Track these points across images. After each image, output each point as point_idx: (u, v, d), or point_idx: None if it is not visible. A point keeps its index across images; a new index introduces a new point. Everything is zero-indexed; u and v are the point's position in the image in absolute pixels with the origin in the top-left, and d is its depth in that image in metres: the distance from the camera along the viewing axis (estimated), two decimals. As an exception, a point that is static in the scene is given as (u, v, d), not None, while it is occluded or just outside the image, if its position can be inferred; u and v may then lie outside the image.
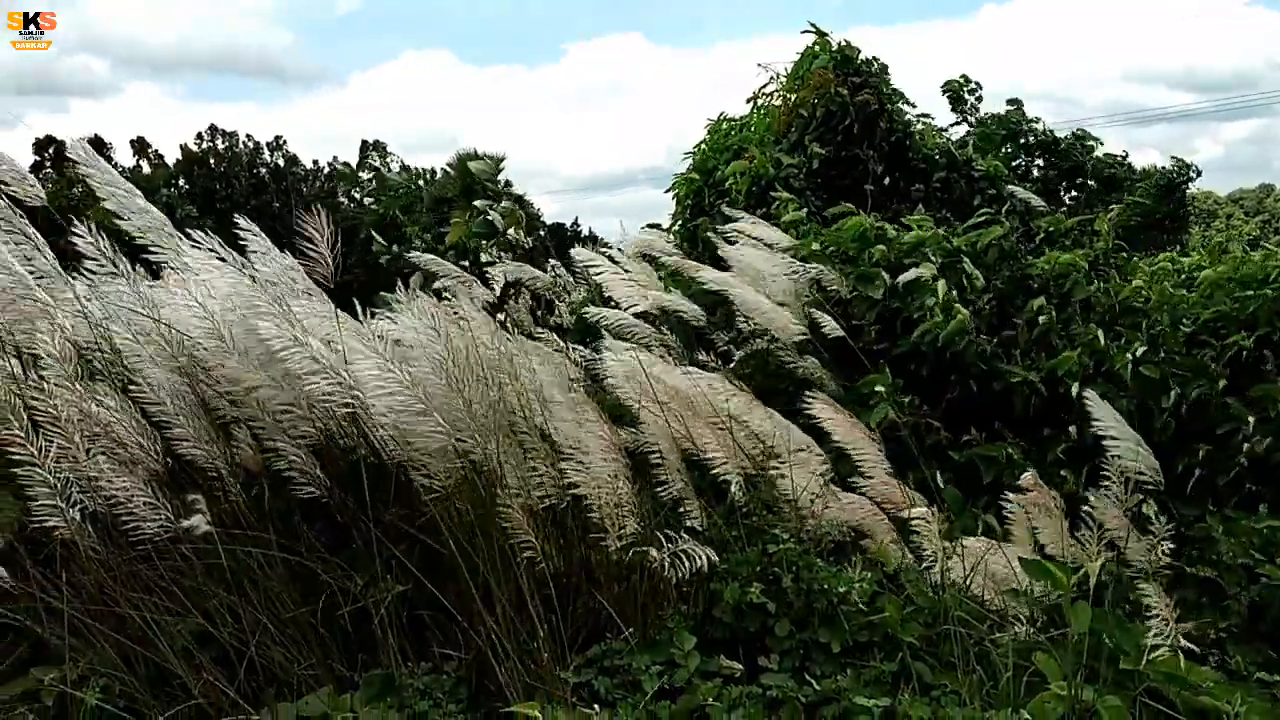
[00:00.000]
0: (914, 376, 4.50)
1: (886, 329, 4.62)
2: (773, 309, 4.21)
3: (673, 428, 3.63)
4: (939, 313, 4.34)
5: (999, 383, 4.49)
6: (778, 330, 4.25)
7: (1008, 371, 4.50)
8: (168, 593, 3.00)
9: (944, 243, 4.95)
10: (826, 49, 7.47)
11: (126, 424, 3.00)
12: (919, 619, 3.29)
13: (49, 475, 2.90)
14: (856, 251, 4.95)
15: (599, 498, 3.09)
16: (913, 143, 7.40)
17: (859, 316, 4.61)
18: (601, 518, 3.09)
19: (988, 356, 4.39)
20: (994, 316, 4.81)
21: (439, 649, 3.05)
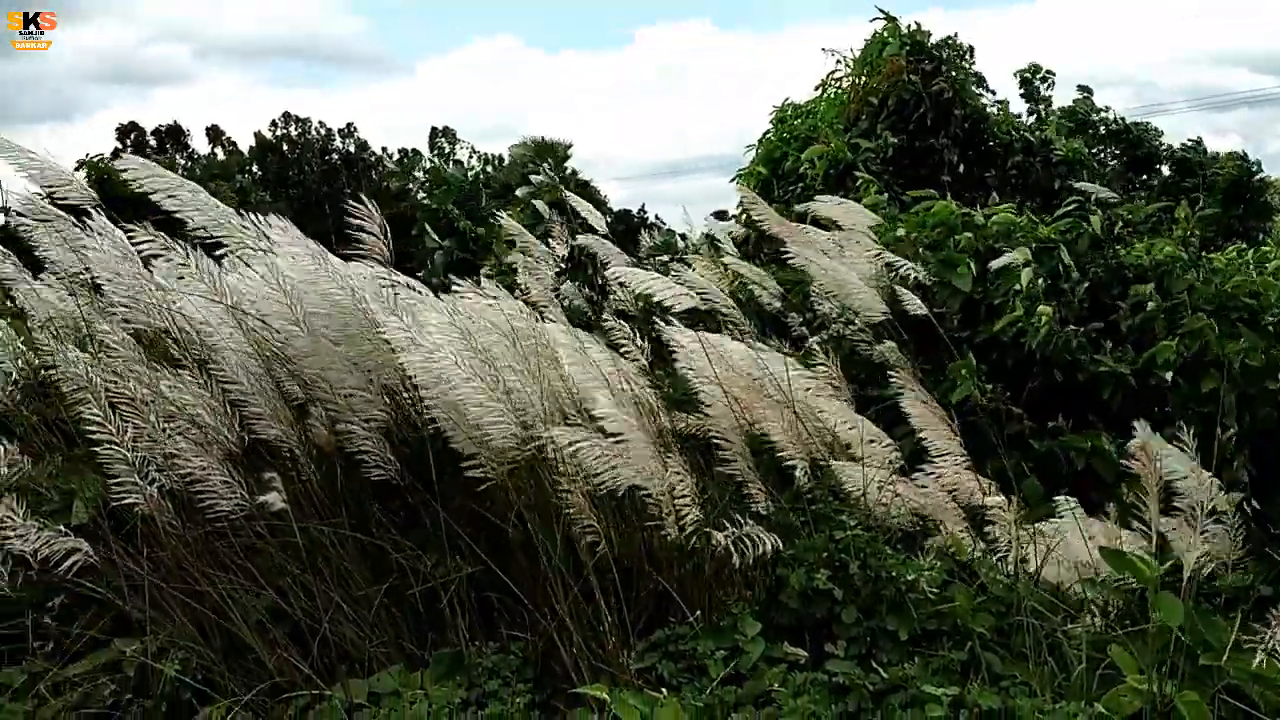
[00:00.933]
0: (996, 364, 4.42)
1: (969, 316, 4.54)
2: (859, 286, 4.13)
3: (737, 412, 3.62)
4: (1020, 304, 4.24)
5: (1083, 373, 4.39)
6: (861, 308, 4.17)
7: (1097, 362, 4.40)
8: (243, 569, 3.07)
9: (1033, 230, 4.84)
10: (896, 34, 7.34)
11: (203, 404, 3.07)
12: (990, 609, 3.25)
13: (127, 454, 2.99)
14: (942, 237, 4.86)
15: (651, 487, 3.08)
16: (987, 128, 7.25)
17: (941, 303, 4.53)
18: (657, 505, 3.09)
19: (1074, 348, 4.29)
20: (1085, 307, 4.69)
21: (506, 630, 3.08)
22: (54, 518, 3.23)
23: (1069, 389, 4.42)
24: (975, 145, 7.20)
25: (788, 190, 7.12)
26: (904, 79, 7.05)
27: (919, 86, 7.07)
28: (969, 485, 3.75)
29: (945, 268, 4.60)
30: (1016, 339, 4.31)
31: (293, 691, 2.87)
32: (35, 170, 3.30)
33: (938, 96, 7.03)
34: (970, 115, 7.20)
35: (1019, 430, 4.23)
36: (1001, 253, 4.52)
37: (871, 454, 3.80)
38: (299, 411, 3.18)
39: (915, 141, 7.02)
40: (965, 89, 7.34)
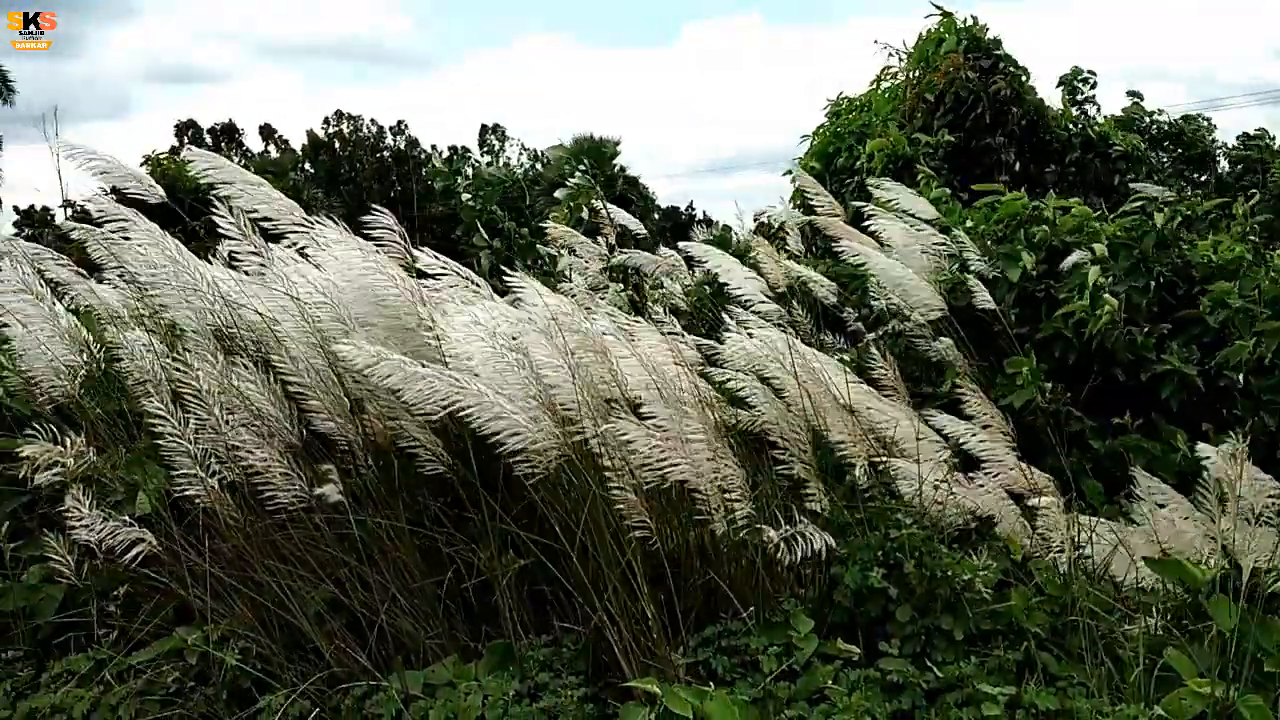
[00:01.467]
0: (1055, 361, 4.36)
1: (1027, 312, 4.47)
2: (916, 282, 4.10)
3: (792, 410, 3.61)
4: (1084, 297, 4.17)
5: (1146, 372, 4.32)
6: (917, 305, 4.14)
7: (1163, 361, 4.33)
8: (301, 561, 3.12)
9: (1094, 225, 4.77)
10: (953, 30, 7.25)
11: (264, 398, 3.12)
12: (1045, 609, 3.21)
13: (190, 446, 3.05)
14: (1009, 232, 4.79)
15: (701, 483, 3.08)
16: (1044, 123, 7.14)
17: (1000, 299, 4.48)
18: (706, 502, 3.09)
19: (1138, 346, 4.22)
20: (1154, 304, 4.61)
21: (558, 622, 3.10)
22: (118, 508, 3.31)
23: (1128, 388, 4.35)
24: (1032, 142, 7.09)
25: (841, 185, 7.07)
26: (961, 76, 6.96)
27: (976, 85, 6.97)
28: (1022, 483, 3.71)
29: (1005, 260, 4.53)
30: (1078, 331, 4.24)
31: (350, 681, 2.91)
32: (104, 168, 3.38)
33: (995, 95, 6.92)
34: (1028, 112, 7.08)
35: (1079, 430, 4.18)
36: (1072, 248, 4.45)
37: (927, 453, 3.78)
38: (356, 406, 3.22)
39: (972, 140, 6.93)
40: (1024, 85, 7.22)
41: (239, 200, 3.37)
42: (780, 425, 3.55)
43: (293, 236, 3.49)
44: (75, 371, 3.53)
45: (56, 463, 3.31)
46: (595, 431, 3.03)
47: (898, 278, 4.10)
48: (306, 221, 3.43)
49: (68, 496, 3.14)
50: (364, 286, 3.08)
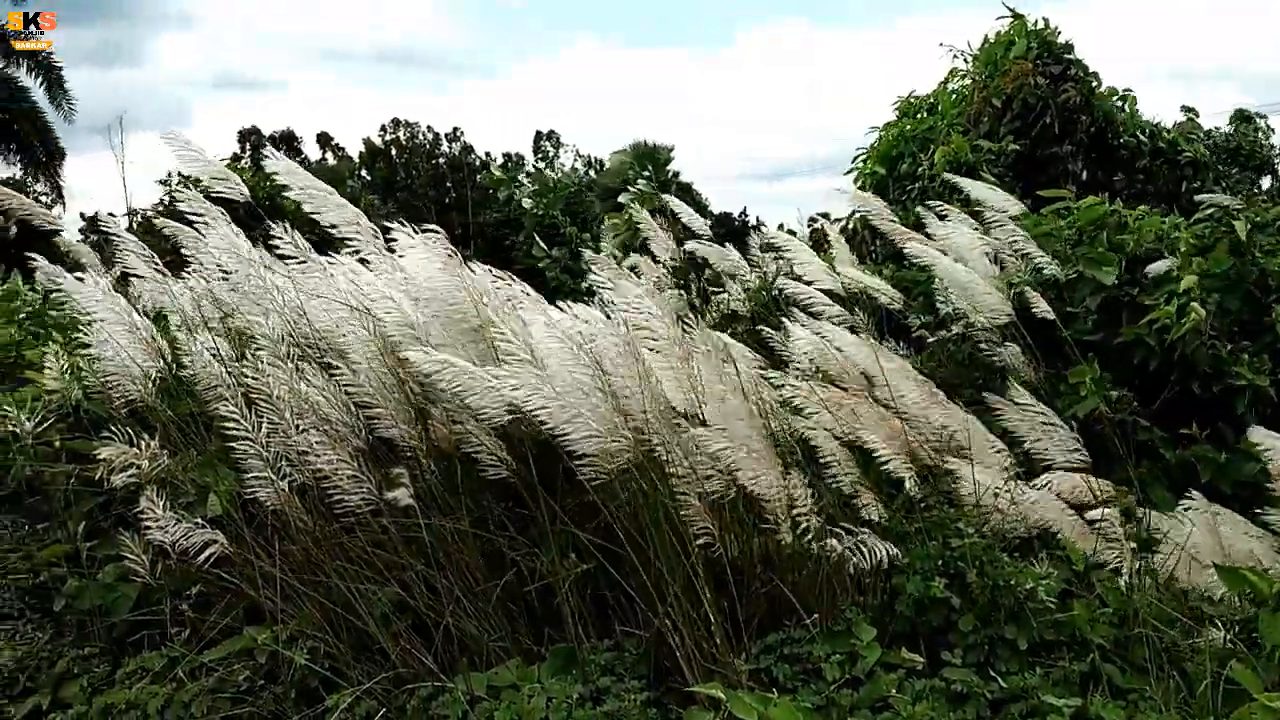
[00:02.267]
0: (1131, 369, 4.30)
1: (1104, 319, 4.41)
2: (982, 288, 4.07)
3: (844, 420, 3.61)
4: (1170, 305, 4.10)
5: (1219, 384, 4.25)
6: (984, 311, 4.10)
7: (1238, 374, 4.25)
8: (368, 563, 3.18)
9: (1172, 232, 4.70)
10: (1023, 33, 7.14)
11: (332, 402, 3.18)
12: (1107, 620, 3.18)
13: (262, 449, 3.12)
14: (1090, 237, 4.71)
15: (770, 494, 3.09)
16: (1113, 130, 7.02)
17: (1077, 303, 4.41)
18: (773, 511, 3.10)
19: (1221, 358, 4.15)
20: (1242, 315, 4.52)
21: (620, 627, 3.13)
22: (190, 510, 3.39)
23: (1200, 399, 4.28)
24: (1100, 150, 6.97)
25: (904, 191, 7.02)
26: (1029, 82, 6.85)
27: (1045, 91, 6.86)
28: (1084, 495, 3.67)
29: (1091, 264, 4.46)
30: (1160, 339, 4.17)
31: (415, 682, 2.96)
32: (198, 163, 3.48)
33: (1064, 104, 6.81)
34: (1096, 120, 6.95)
35: (1149, 439, 4.12)
36: (1155, 256, 4.38)
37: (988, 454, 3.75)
38: (420, 411, 3.28)
39: (1037, 148, 6.83)
40: (1095, 92, 7.09)
41: (310, 206, 3.45)
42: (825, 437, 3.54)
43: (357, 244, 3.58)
44: (149, 376, 3.61)
45: (132, 465, 3.40)
46: (665, 439, 3.06)
47: (964, 282, 4.06)
48: (375, 229, 3.51)
49: (142, 498, 3.22)
50: (434, 290, 3.14)
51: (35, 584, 3.72)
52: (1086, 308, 4.41)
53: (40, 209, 4.09)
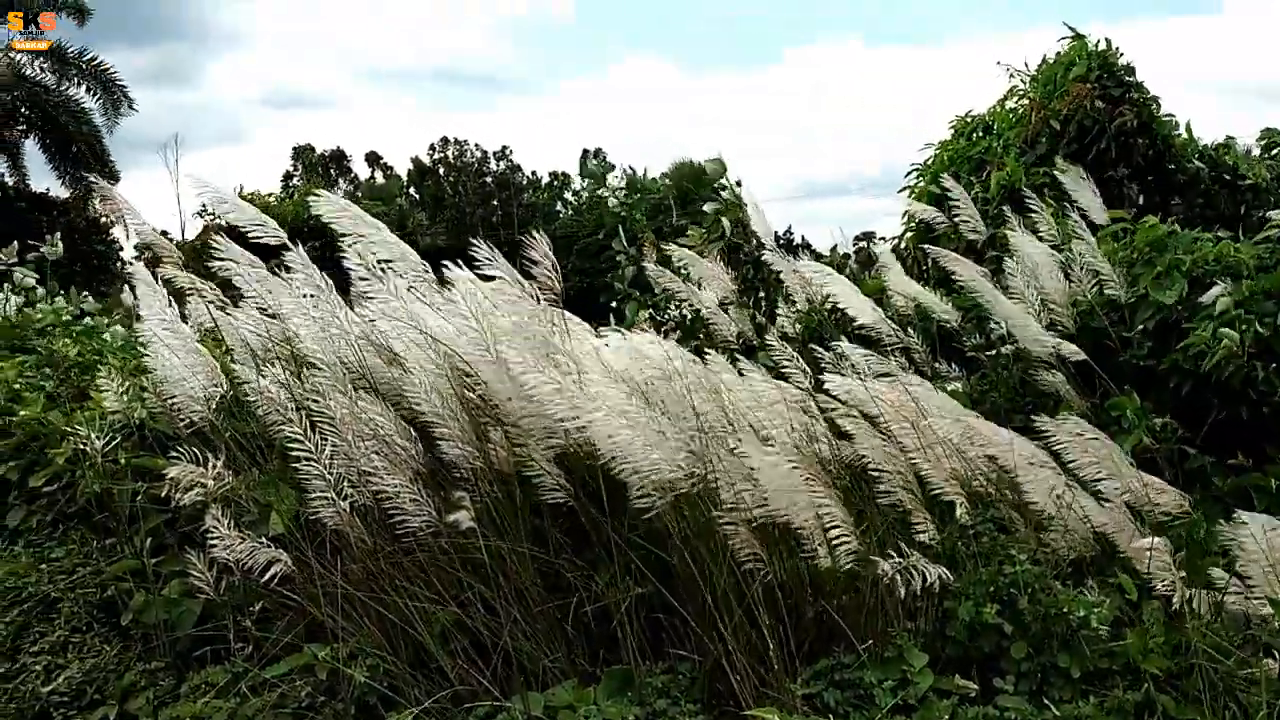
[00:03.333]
0: (1175, 395, 4.28)
1: (1159, 345, 4.39)
2: (1027, 320, 4.08)
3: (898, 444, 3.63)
4: (1208, 330, 4.08)
5: (1269, 406, 4.22)
6: (1027, 342, 4.12)
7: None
8: (427, 583, 3.24)
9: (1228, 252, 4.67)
10: (1083, 54, 7.08)
11: (394, 426, 3.26)
12: (1161, 649, 3.18)
13: (324, 470, 3.21)
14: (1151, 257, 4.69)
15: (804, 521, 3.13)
16: (1172, 155, 6.95)
17: (1133, 327, 4.38)
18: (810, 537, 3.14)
19: (1259, 380, 4.12)
20: None
21: (674, 650, 3.17)
22: (253, 528, 3.48)
23: (1252, 424, 4.24)
24: (1158, 174, 6.89)
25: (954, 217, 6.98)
26: (1086, 105, 6.79)
27: (1102, 115, 6.80)
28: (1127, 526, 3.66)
29: (1155, 284, 4.43)
30: (1197, 364, 4.16)
31: (472, 701, 3.02)
32: (233, 211, 3.62)
33: (1120, 128, 6.75)
34: (1155, 143, 6.87)
35: (1200, 465, 4.10)
36: (1211, 279, 4.36)
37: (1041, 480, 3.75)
38: (481, 434, 3.35)
39: (1093, 172, 6.77)
40: (1155, 117, 7.01)
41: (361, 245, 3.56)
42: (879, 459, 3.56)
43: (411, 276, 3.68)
44: (211, 398, 3.72)
45: (198, 484, 3.49)
46: (715, 467, 3.12)
47: (1005, 312, 4.09)
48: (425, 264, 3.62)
49: (208, 517, 3.31)
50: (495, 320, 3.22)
51: (103, 598, 3.82)
52: (1144, 330, 4.38)
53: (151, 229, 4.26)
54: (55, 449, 4.16)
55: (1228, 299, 4.10)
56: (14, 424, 4.41)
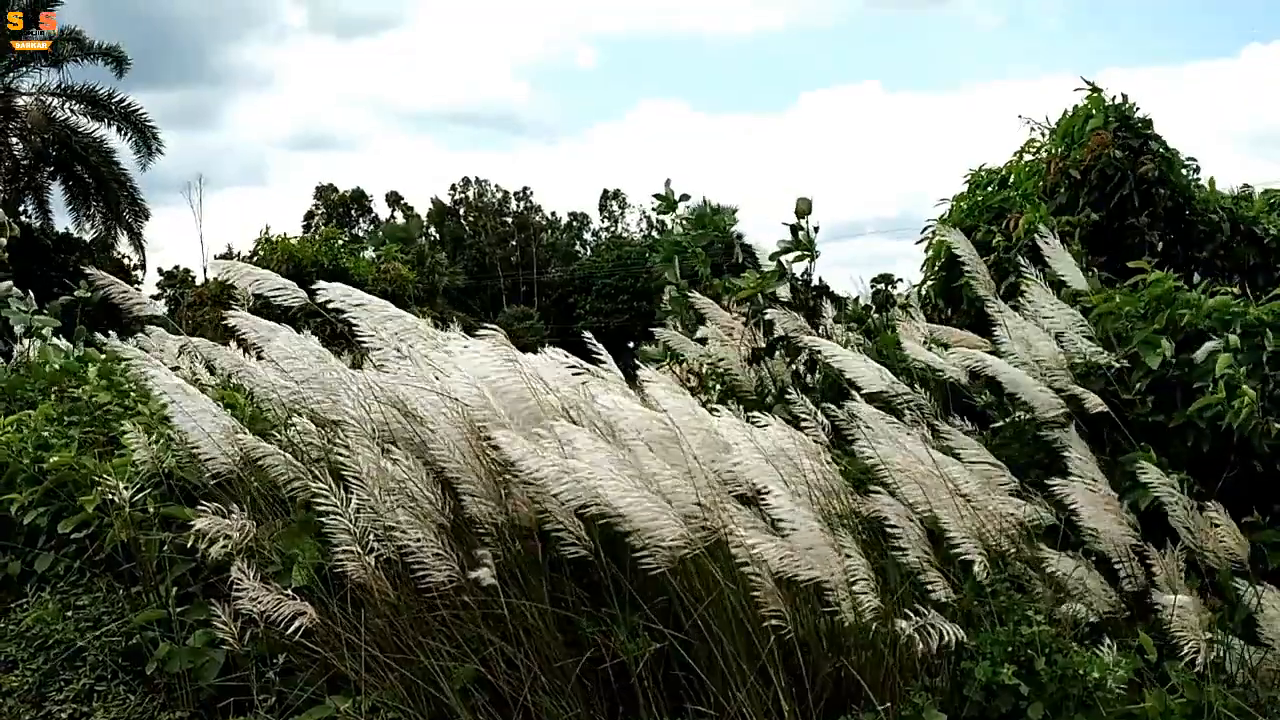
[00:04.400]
0: (1189, 451, 4.28)
1: (1163, 400, 4.41)
2: (1031, 385, 4.14)
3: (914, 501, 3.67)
4: (1221, 389, 4.10)
5: None
6: (1037, 405, 4.17)
7: None
8: (449, 637, 3.28)
9: (1243, 310, 4.69)
10: (1101, 106, 7.13)
11: (419, 481, 3.32)
12: (1181, 710, 3.18)
13: (351, 524, 3.27)
14: (1153, 311, 4.72)
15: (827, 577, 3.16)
16: (1193, 207, 6.96)
17: (1132, 386, 4.42)
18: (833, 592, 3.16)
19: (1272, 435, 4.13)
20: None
21: (692, 706, 3.19)
22: (276, 579, 3.53)
23: (1266, 480, 4.25)
24: (1179, 225, 6.90)
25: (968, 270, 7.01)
26: (1108, 153, 6.82)
27: (1124, 164, 6.83)
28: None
29: (1144, 346, 4.46)
30: (1214, 424, 4.17)
31: (492, 756, 3.05)
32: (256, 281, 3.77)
33: (1143, 177, 6.78)
34: (1175, 194, 6.90)
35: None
36: (1209, 335, 4.38)
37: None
38: (504, 491, 3.40)
39: (1114, 220, 6.78)
40: (1174, 168, 7.04)
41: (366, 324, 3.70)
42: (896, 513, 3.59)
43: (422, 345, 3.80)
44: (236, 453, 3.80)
45: (224, 536, 3.55)
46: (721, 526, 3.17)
47: (1012, 379, 4.15)
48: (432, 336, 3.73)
49: (233, 568, 3.37)
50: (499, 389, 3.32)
51: (128, 647, 3.87)
52: (1138, 390, 4.41)
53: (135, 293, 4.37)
54: (85, 496, 4.23)
55: (1226, 356, 4.12)
56: (45, 470, 4.49)
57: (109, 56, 25.62)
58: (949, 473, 3.78)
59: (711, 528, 3.18)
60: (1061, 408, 4.11)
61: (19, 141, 26.00)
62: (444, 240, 54.34)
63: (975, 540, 3.53)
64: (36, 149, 25.94)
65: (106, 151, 25.59)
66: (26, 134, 25.79)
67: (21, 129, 25.74)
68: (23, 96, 25.86)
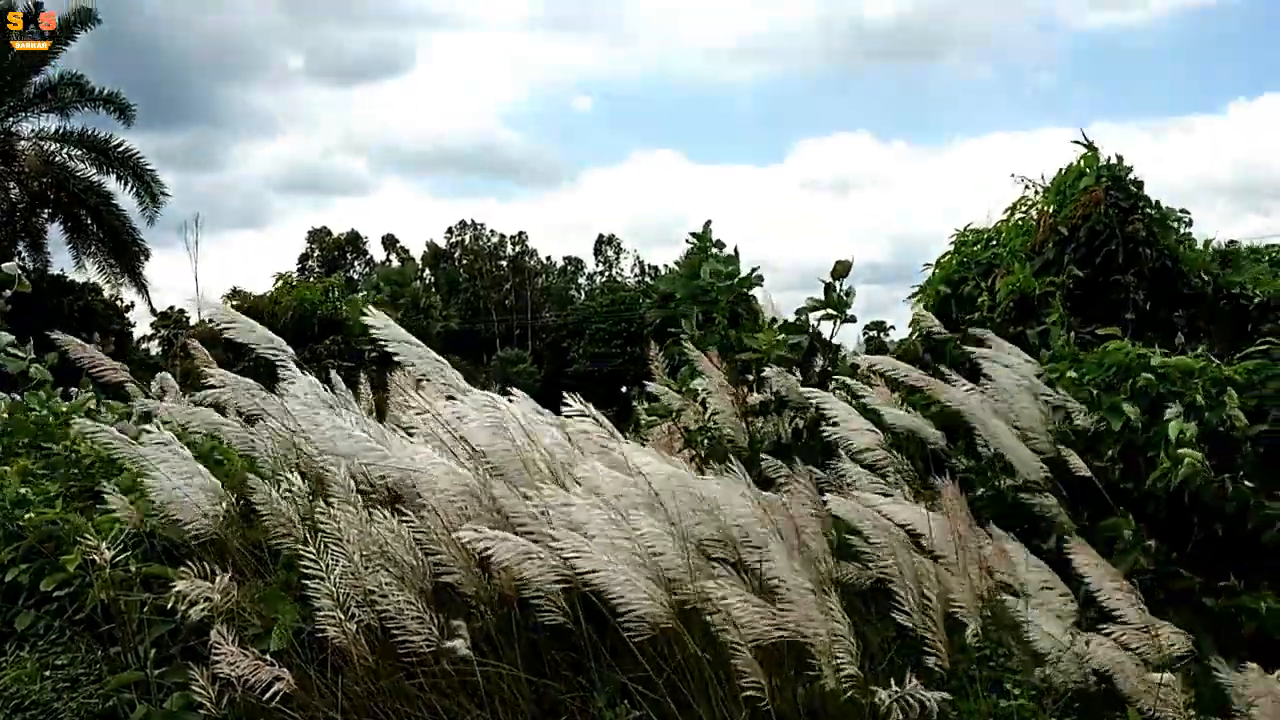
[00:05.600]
0: (1156, 518, 4.29)
1: (1132, 465, 4.43)
2: (1014, 443, 4.14)
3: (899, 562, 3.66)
4: (1169, 455, 4.13)
5: (1251, 522, 4.22)
6: (1018, 465, 4.17)
7: (1261, 506, 4.23)
8: (427, 705, 3.26)
9: (1215, 372, 4.72)
10: (1094, 165, 7.20)
11: (401, 546, 3.32)
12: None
13: (333, 588, 3.26)
14: (1117, 379, 4.75)
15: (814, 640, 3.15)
16: (1179, 269, 7.00)
17: (1103, 453, 4.44)
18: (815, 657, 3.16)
19: (1229, 496, 4.14)
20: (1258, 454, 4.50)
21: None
22: (256, 642, 3.51)
23: (1241, 542, 4.25)
24: (1164, 285, 6.94)
25: (964, 317, 7.04)
26: (1098, 211, 6.86)
27: (1114, 221, 6.88)
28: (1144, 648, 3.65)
29: (1112, 412, 4.49)
30: (1168, 490, 4.18)
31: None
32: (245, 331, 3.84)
33: (1131, 235, 6.82)
34: (1162, 255, 6.95)
35: (1188, 587, 4.09)
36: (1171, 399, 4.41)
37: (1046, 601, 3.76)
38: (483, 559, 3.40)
39: (1100, 277, 6.82)
40: (1162, 229, 7.10)
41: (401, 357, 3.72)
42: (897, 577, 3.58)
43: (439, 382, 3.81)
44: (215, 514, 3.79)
45: (204, 598, 3.53)
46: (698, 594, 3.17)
47: (995, 433, 4.16)
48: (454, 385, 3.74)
49: (213, 632, 3.35)
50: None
51: (105, 708, 3.84)
52: (1108, 456, 4.42)
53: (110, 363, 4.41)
54: (67, 554, 4.21)
55: (1178, 421, 4.15)
56: (26, 527, 4.47)
57: (111, 104, 25.81)
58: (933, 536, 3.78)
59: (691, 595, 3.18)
60: (1043, 470, 4.12)
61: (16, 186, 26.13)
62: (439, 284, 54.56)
63: (975, 602, 3.52)
64: (34, 192, 26.07)
65: (105, 194, 25.72)
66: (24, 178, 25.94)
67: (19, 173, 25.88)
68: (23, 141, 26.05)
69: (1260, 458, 4.41)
